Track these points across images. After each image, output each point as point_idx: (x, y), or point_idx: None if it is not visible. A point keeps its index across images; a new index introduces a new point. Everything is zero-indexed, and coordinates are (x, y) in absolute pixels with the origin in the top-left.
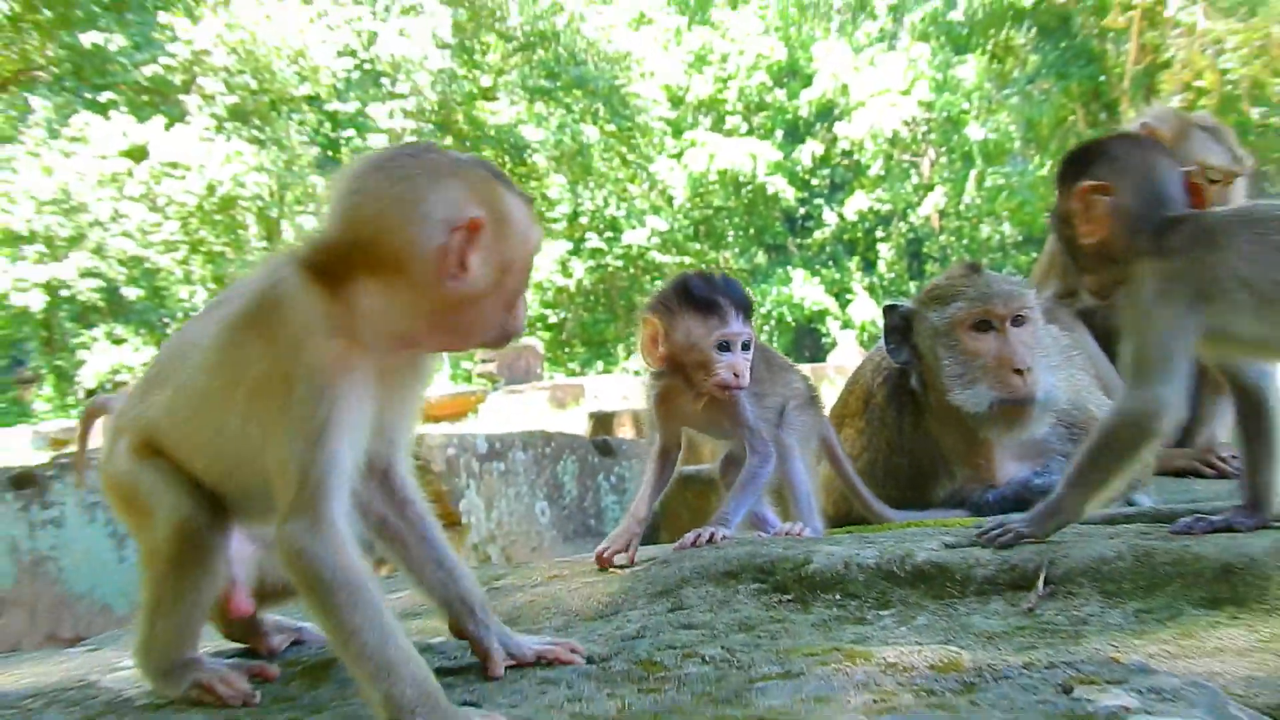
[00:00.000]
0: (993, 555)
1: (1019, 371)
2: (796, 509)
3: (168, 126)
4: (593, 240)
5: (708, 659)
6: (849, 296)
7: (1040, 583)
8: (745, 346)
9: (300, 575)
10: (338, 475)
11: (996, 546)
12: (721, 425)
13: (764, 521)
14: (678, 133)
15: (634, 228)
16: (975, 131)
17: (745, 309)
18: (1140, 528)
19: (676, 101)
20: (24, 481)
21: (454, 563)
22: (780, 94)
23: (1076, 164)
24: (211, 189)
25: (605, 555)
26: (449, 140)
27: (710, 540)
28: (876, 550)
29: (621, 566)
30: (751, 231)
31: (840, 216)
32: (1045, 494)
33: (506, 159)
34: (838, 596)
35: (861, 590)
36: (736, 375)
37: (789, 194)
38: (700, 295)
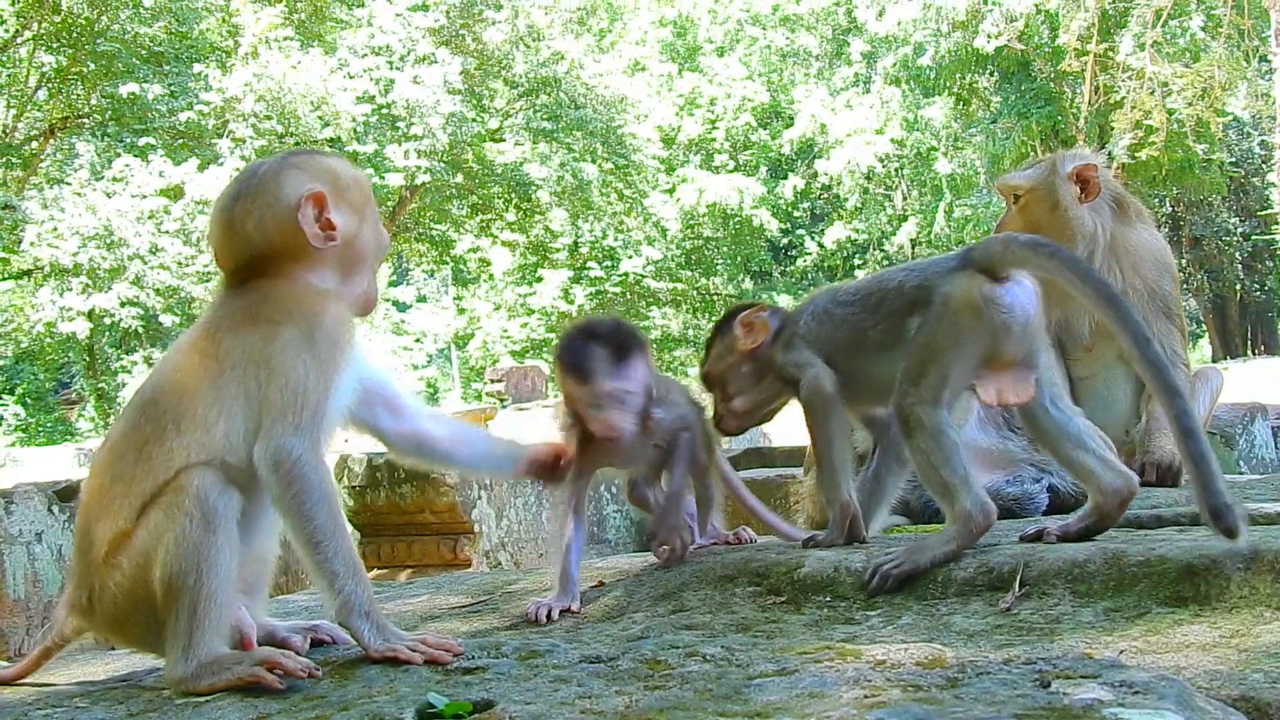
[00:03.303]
0: (971, 558)
1: None
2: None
3: (201, 168)
4: (593, 269)
5: (708, 657)
6: None
7: (1016, 584)
8: (620, 399)
9: (290, 480)
10: (334, 408)
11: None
12: (645, 448)
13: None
14: (670, 170)
15: (630, 257)
16: (944, 167)
17: (620, 359)
18: (1109, 532)
19: (669, 141)
20: (69, 494)
21: (477, 431)
22: (764, 134)
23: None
24: None
25: (540, 616)
26: (459, 178)
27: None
28: (864, 555)
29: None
30: (739, 260)
31: (820, 246)
32: (1017, 500)
33: (513, 195)
34: (828, 598)
35: (850, 592)
36: (614, 429)
37: (773, 225)
38: (568, 356)
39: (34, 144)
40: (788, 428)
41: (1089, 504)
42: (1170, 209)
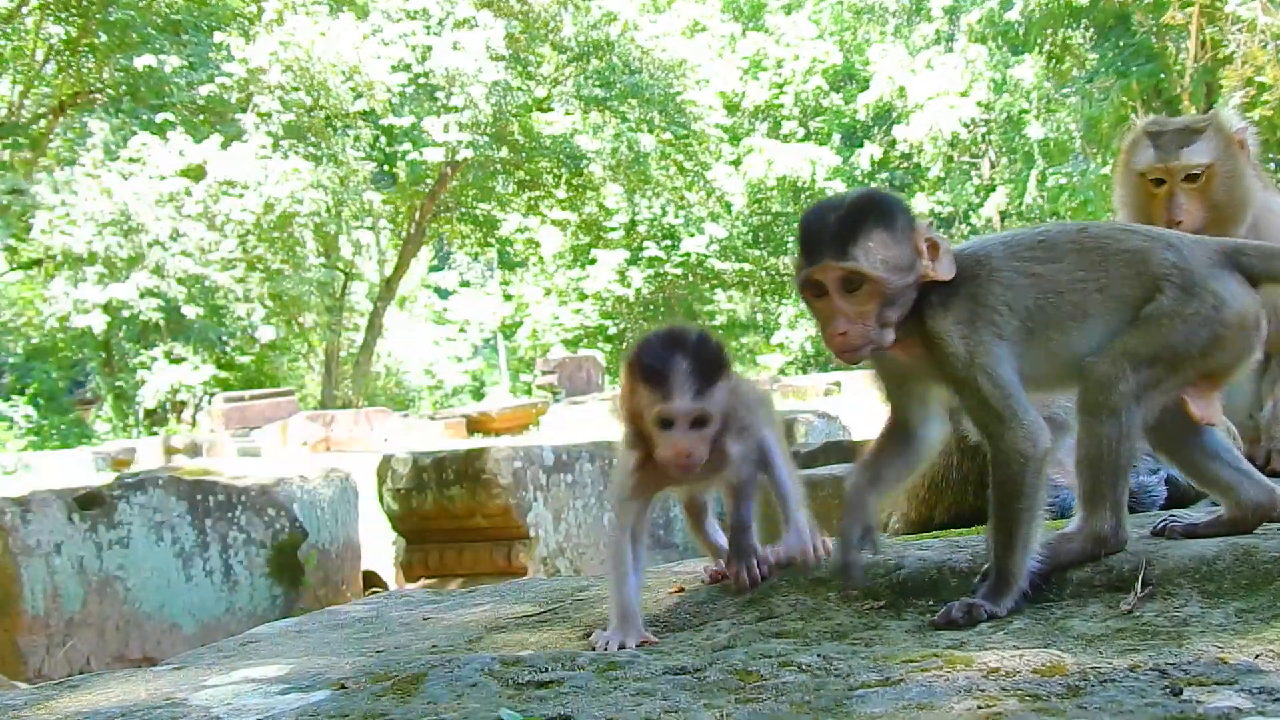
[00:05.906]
0: None
1: None
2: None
3: (224, 145)
4: (651, 249)
5: (804, 667)
6: None
7: (1139, 584)
8: (699, 423)
9: None
10: None
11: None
12: (712, 479)
13: (720, 549)
14: (734, 139)
15: (692, 235)
16: (1035, 131)
17: (706, 379)
18: None
19: (732, 108)
20: (91, 502)
21: None
22: (837, 98)
23: (884, 214)
24: (269, 206)
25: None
26: (504, 152)
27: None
28: (968, 555)
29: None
30: None
31: None
32: (1134, 494)
33: (563, 169)
34: (930, 602)
35: (955, 595)
36: (685, 456)
37: None
38: (647, 363)
39: (42, 122)
40: (868, 422)
41: (1225, 513)
42: None
